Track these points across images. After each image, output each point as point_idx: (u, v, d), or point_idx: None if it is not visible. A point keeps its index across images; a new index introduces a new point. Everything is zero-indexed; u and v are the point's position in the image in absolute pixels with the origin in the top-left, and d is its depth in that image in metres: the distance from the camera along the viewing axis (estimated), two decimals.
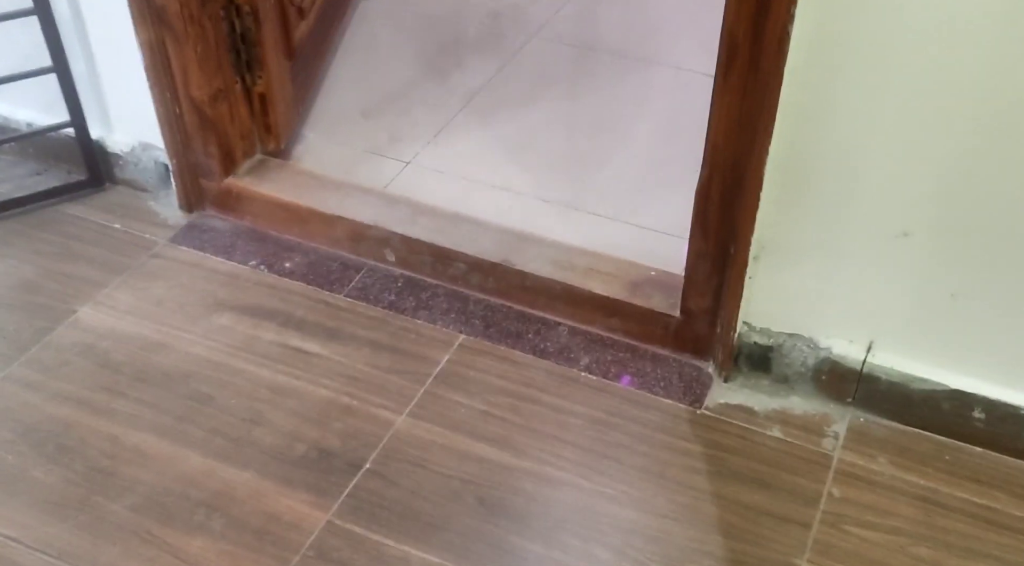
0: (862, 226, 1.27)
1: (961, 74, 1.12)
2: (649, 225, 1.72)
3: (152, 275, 1.64)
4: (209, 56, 1.61)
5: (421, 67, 2.14)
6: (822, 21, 1.16)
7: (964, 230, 1.22)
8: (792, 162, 1.27)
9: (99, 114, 1.73)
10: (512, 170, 1.86)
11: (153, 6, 1.53)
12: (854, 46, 1.15)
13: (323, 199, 1.72)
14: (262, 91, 1.72)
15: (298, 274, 1.66)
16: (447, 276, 1.64)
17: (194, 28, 1.56)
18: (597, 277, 1.58)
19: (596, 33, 2.25)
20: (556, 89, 2.08)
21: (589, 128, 1.97)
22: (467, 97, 2.05)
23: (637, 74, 2.12)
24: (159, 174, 1.76)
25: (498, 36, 2.24)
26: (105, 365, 1.48)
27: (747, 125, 1.27)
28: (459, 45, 2.21)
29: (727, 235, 1.37)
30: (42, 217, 1.75)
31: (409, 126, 1.97)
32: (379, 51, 2.20)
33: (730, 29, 1.23)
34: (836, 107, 1.20)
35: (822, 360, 1.40)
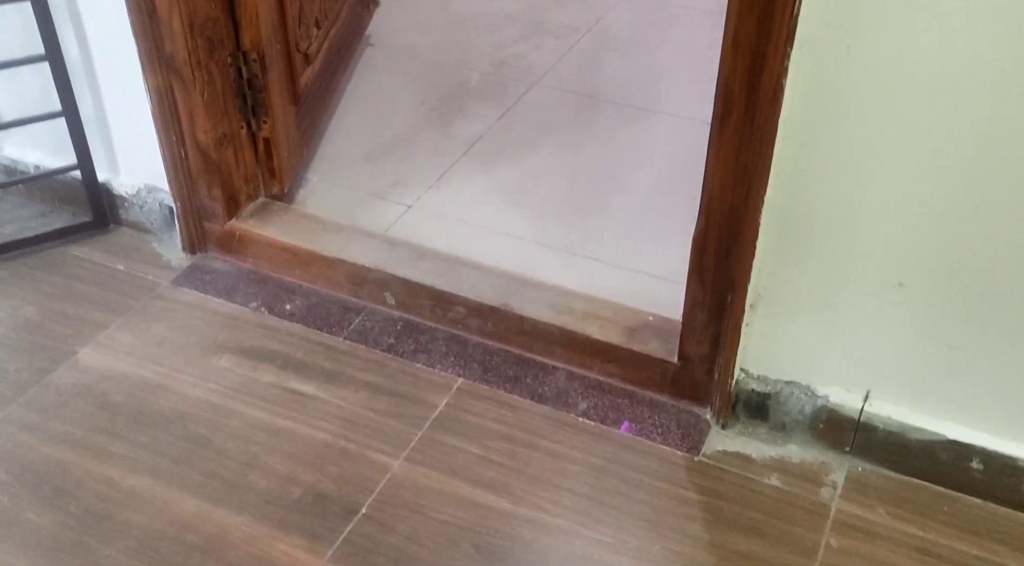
0: (858, 277, 1.28)
1: (955, 128, 1.14)
2: (647, 270, 1.73)
3: (154, 316, 1.65)
4: (216, 101, 1.64)
5: (425, 113, 2.17)
6: (816, 75, 1.18)
7: (959, 282, 1.23)
8: (788, 213, 1.28)
9: (106, 157, 1.76)
10: (512, 215, 1.88)
11: (162, 53, 1.56)
12: (848, 100, 1.18)
13: (325, 242, 1.73)
14: (267, 136, 1.75)
15: (298, 316, 1.67)
16: (446, 320, 1.65)
17: (201, 74, 1.59)
18: (595, 322, 1.58)
19: (597, 82, 2.28)
20: (557, 136, 2.10)
21: (589, 175, 1.99)
22: (469, 143, 2.08)
23: (637, 122, 2.14)
24: (163, 216, 1.78)
25: (501, 84, 2.27)
26: (103, 406, 1.49)
27: (743, 176, 1.29)
28: (462, 92, 2.25)
29: (724, 284, 1.38)
30: (47, 258, 1.76)
31: (412, 171, 2.00)
32: (384, 97, 2.23)
33: (726, 82, 1.25)
34: (831, 159, 1.22)
35: (819, 408, 1.40)
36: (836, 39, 1.15)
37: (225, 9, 1.59)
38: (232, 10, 1.61)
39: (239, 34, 1.63)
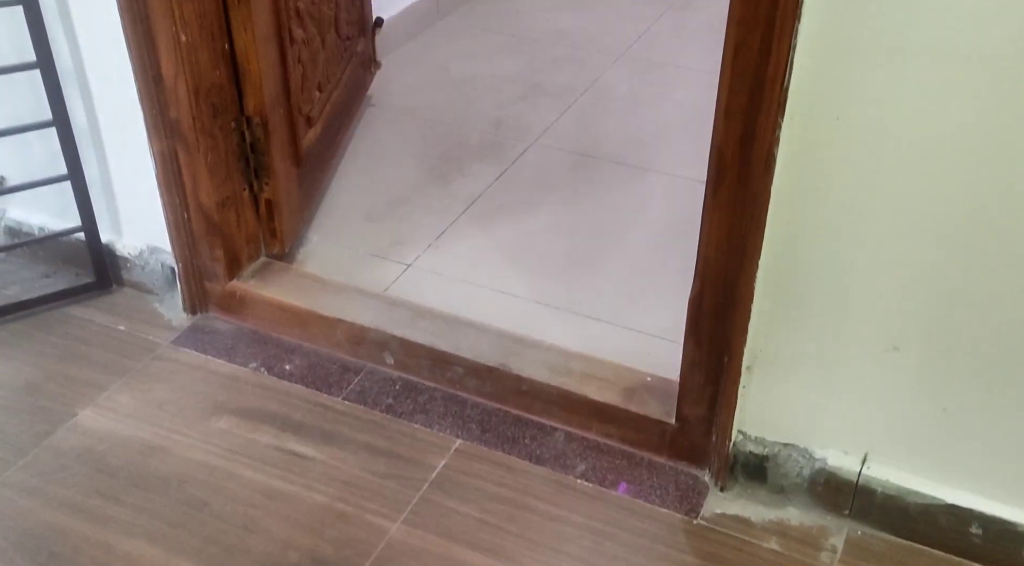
0: (853, 340, 1.29)
1: (944, 194, 1.16)
2: (645, 329, 1.74)
3: (154, 377, 1.66)
4: (219, 165, 1.67)
5: (424, 172, 2.21)
6: (807, 144, 1.20)
7: (953, 346, 1.24)
8: (782, 276, 1.30)
9: (110, 219, 1.78)
10: (510, 273, 1.90)
11: (167, 119, 1.59)
12: (839, 167, 1.20)
13: (324, 302, 1.75)
14: (269, 197, 1.77)
15: (297, 376, 1.67)
16: (445, 379, 1.66)
17: (205, 139, 1.63)
18: (593, 382, 1.59)
19: (594, 141, 2.32)
20: (555, 195, 2.13)
21: (586, 233, 2.02)
22: (468, 202, 2.11)
23: (634, 181, 2.17)
24: (165, 277, 1.80)
25: (499, 143, 2.31)
26: (102, 470, 1.49)
27: (737, 241, 1.31)
28: (462, 151, 2.28)
29: (720, 345, 1.39)
30: (48, 319, 1.78)
31: (411, 230, 2.02)
32: (384, 157, 2.27)
33: (719, 149, 1.27)
34: (823, 225, 1.24)
35: (817, 471, 1.40)
36: (825, 110, 1.17)
37: (230, 76, 1.63)
38: (237, 77, 1.64)
39: (243, 100, 1.67)
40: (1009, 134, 1.10)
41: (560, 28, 2.83)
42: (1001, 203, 1.14)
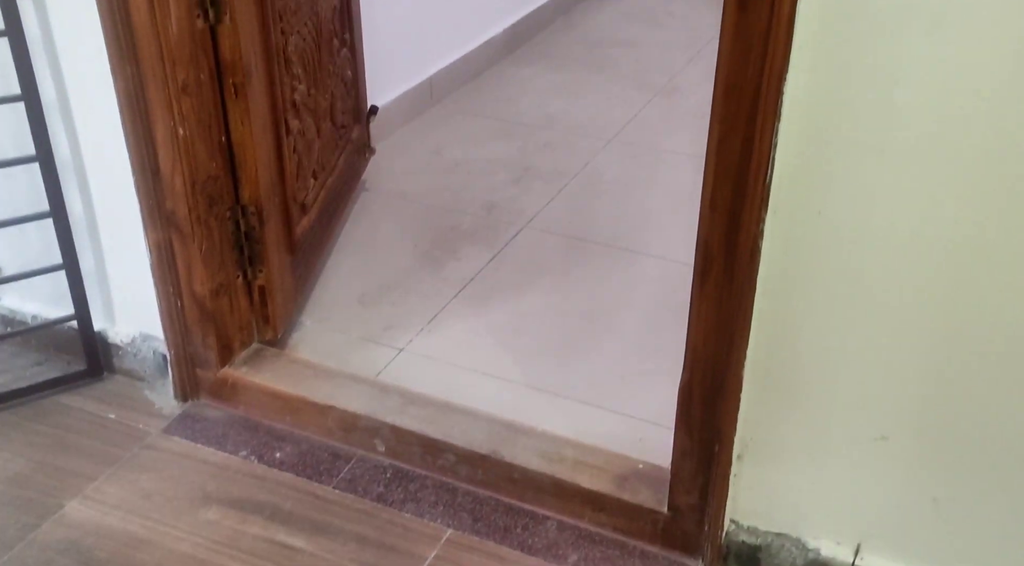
0: (841, 429, 1.30)
1: (928, 288, 1.18)
2: (636, 414, 1.74)
3: (143, 467, 1.65)
4: (213, 254, 1.69)
5: (417, 256, 2.23)
6: (790, 236, 1.23)
7: (942, 435, 1.25)
8: (770, 365, 1.31)
9: (103, 307, 1.79)
10: (502, 357, 1.90)
11: (164, 210, 1.62)
12: (822, 259, 1.22)
13: (316, 388, 1.75)
14: (263, 284, 1.79)
15: (288, 464, 1.66)
16: (436, 467, 1.65)
17: (201, 229, 1.65)
18: (586, 470, 1.58)
19: (586, 224, 2.35)
20: (546, 278, 2.15)
21: (578, 317, 2.03)
22: (460, 285, 2.13)
23: (625, 264, 2.20)
24: (157, 364, 1.80)
25: (492, 227, 2.34)
26: (88, 563, 1.46)
27: (724, 330, 1.32)
28: (455, 235, 2.31)
29: (711, 434, 1.40)
30: (39, 408, 1.77)
31: (404, 314, 2.03)
32: (378, 241, 2.30)
33: (705, 241, 1.30)
34: (809, 315, 1.26)
35: (810, 561, 1.39)
36: (808, 205, 1.20)
37: (226, 167, 1.66)
38: (233, 167, 1.68)
39: (238, 190, 1.70)
40: (988, 231, 1.12)
41: (551, 113, 2.89)
42: (984, 297, 1.16)
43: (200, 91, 1.56)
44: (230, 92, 1.61)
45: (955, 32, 1.05)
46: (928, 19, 1.05)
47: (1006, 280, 1.14)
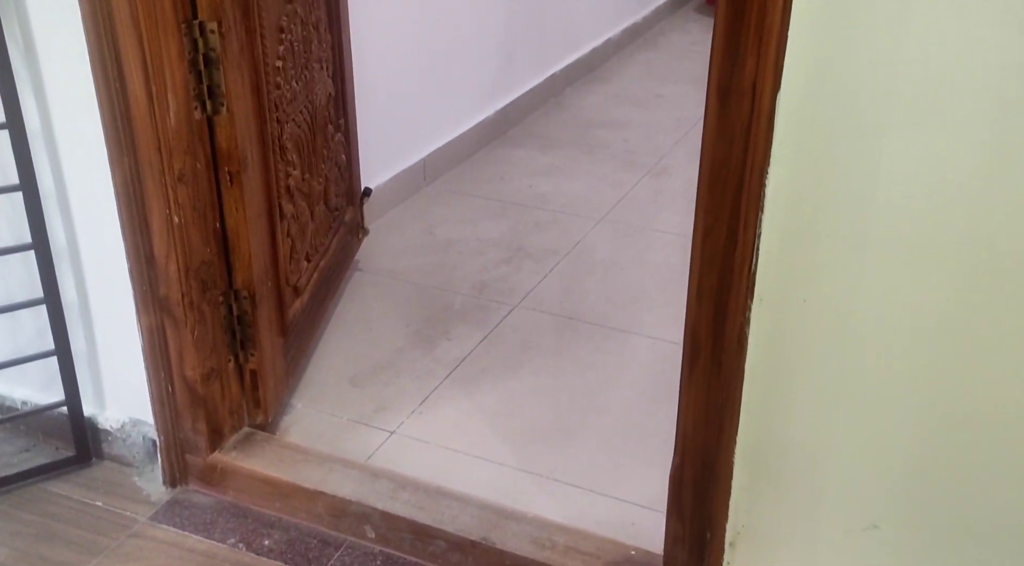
0: (832, 517, 1.29)
1: (914, 375, 1.19)
2: (628, 498, 1.73)
3: (129, 556, 1.63)
4: (205, 338, 1.70)
5: (410, 336, 2.24)
6: (777, 324, 1.24)
7: (932, 524, 1.24)
8: (760, 452, 1.31)
9: (93, 391, 1.79)
10: (494, 440, 1.90)
11: (157, 295, 1.63)
12: (809, 345, 1.23)
13: (306, 474, 1.74)
14: (254, 368, 1.79)
15: (276, 552, 1.64)
16: (427, 554, 1.63)
17: (193, 314, 1.66)
18: (577, 557, 1.57)
19: (577, 303, 2.37)
20: (538, 359, 2.16)
21: (570, 397, 2.03)
22: (452, 366, 2.13)
23: (616, 344, 2.21)
24: (146, 450, 1.79)
25: (483, 306, 2.36)
26: None
27: (714, 417, 1.33)
28: (447, 315, 2.33)
29: (703, 520, 1.39)
30: (26, 495, 1.75)
31: (395, 395, 2.03)
32: (370, 321, 2.31)
33: (692, 328, 1.31)
34: (796, 403, 1.27)
35: None
36: (793, 294, 1.22)
37: (220, 252, 1.68)
38: (227, 252, 1.70)
39: (232, 274, 1.71)
40: (972, 319, 1.14)
41: (542, 193, 2.94)
42: (970, 385, 1.17)
43: (196, 180, 1.59)
44: (225, 180, 1.64)
45: (933, 130, 1.08)
46: (906, 117, 1.08)
47: (992, 368, 1.15)
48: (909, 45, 1.05)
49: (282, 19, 1.83)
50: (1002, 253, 1.10)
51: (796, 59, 1.11)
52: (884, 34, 1.06)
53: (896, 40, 1.06)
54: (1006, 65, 1.02)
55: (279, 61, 1.82)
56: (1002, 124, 1.04)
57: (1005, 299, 1.12)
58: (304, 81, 1.98)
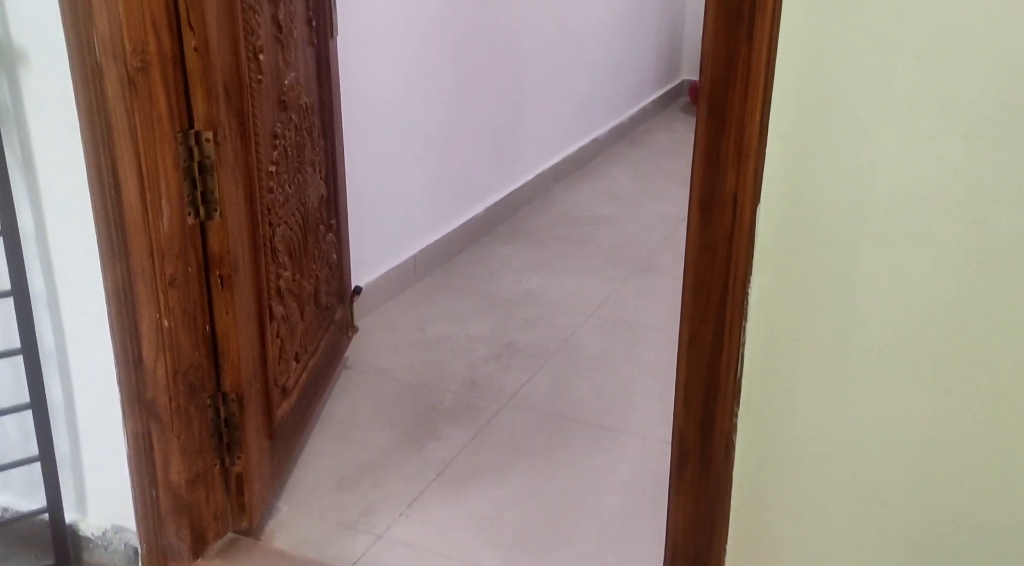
0: None
1: (900, 483, 1.19)
2: None
3: None
4: (191, 443, 1.68)
5: (397, 437, 2.22)
6: (763, 430, 1.25)
7: None
8: (751, 559, 1.29)
9: (76, 497, 1.76)
10: (482, 545, 1.86)
11: (144, 400, 1.63)
12: (795, 454, 1.24)
13: None
14: (240, 471, 1.77)
15: None
16: None
17: (180, 418, 1.65)
18: None
19: (566, 401, 2.37)
20: (527, 459, 2.14)
21: (559, 501, 2.01)
22: (440, 467, 2.11)
23: (605, 443, 2.20)
24: (127, 557, 1.75)
25: (472, 405, 2.35)
26: None
27: (704, 523, 1.32)
28: (435, 414, 2.32)
29: None
30: None
31: (383, 497, 2.00)
32: (358, 420, 2.29)
33: (680, 433, 1.32)
34: (785, 510, 1.26)
35: None
36: (778, 400, 1.23)
37: (209, 355, 1.69)
38: (215, 355, 1.70)
39: (220, 377, 1.71)
40: (956, 427, 1.15)
41: (531, 289, 2.97)
42: (958, 493, 1.17)
43: (187, 284, 1.61)
44: (216, 284, 1.65)
45: (905, 245, 1.11)
46: (879, 232, 1.12)
47: (977, 477, 1.15)
48: (880, 165, 1.09)
49: (276, 126, 1.88)
50: (981, 362, 1.12)
51: (774, 174, 1.15)
52: (856, 153, 1.10)
53: (868, 159, 1.10)
54: (974, 184, 1.06)
55: (273, 166, 1.86)
56: (973, 239, 1.07)
57: (987, 407, 1.13)
58: (297, 184, 2.02)
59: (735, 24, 1.11)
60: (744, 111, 1.13)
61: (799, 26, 1.09)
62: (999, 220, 1.06)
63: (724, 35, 1.12)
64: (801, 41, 1.09)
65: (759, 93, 1.12)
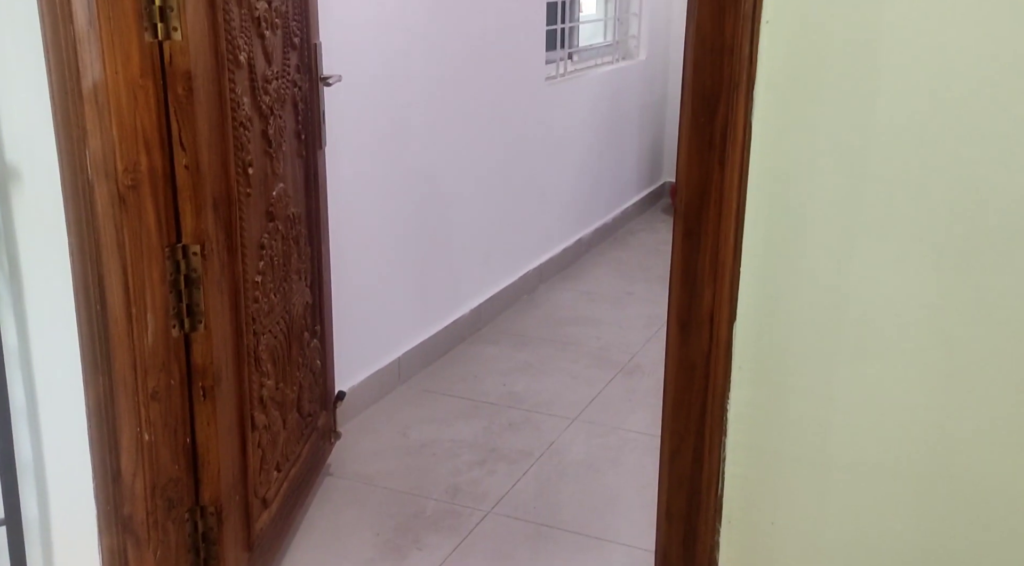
0: None
1: None
2: None
3: None
4: (168, 558, 1.65)
5: (379, 547, 2.18)
6: (745, 547, 1.24)
7: None
8: None
9: None
10: None
11: (121, 514, 1.60)
12: (779, 562, 1.23)
13: None
14: None
15: None
16: None
17: (157, 533, 1.62)
18: None
19: (550, 508, 2.34)
20: None
21: None
22: None
23: (591, 554, 2.16)
24: None
25: (455, 512, 2.32)
26: None
27: None
28: (418, 522, 2.28)
29: None
30: None
31: None
32: (339, 529, 2.25)
33: (664, 551, 1.31)
34: None
35: None
36: (759, 515, 1.23)
37: (188, 468, 1.67)
38: (195, 467, 1.68)
39: (199, 489, 1.69)
40: (933, 543, 1.15)
41: (516, 391, 2.96)
42: None
43: (169, 396, 1.60)
44: (198, 395, 1.65)
45: (877, 361, 1.13)
46: (852, 348, 1.14)
47: None
48: (850, 285, 1.12)
49: (263, 236, 1.91)
50: (957, 476, 1.12)
51: (749, 292, 1.18)
52: (826, 274, 1.14)
53: (838, 279, 1.13)
54: (942, 303, 1.09)
55: (259, 276, 1.88)
56: (945, 356, 1.10)
57: (963, 520, 1.13)
58: (283, 293, 2.04)
59: (707, 150, 1.16)
60: (718, 232, 1.17)
61: (768, 153, 1.13)
62: (968, 337, 1.08)
63: (697, 160, 1.17)
64: (770, 167, 1.14)
65: (732, 215, 1.16)
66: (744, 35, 1.11)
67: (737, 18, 1.11)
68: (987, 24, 1.02)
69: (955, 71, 1.04)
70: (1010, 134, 1.03)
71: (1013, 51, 1.01)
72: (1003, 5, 1.01)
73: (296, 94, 2.10)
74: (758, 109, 1.13)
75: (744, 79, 1.12)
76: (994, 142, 1.03)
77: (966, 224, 1.06)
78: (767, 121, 1.13)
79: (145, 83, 1.47)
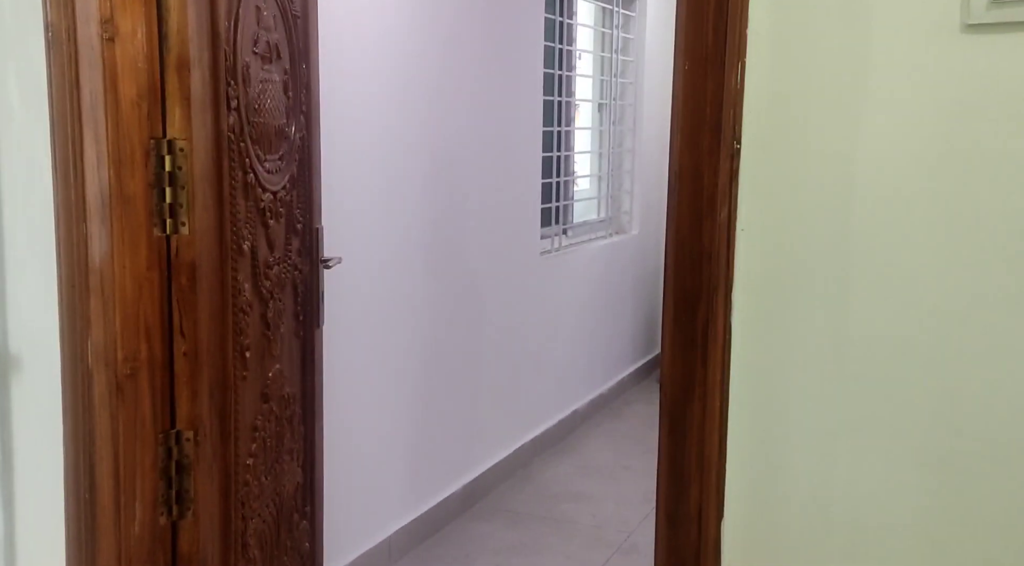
0: None
1: None
2: None
3: None
4: None
5: None
6: None
7: None
8: None
9: None
10: None
11: None
12: None
13: None
14: None
15: None
16: None
17: None
18: None
19: None
20: None
21: None
22: None
23: None
24: None
25: None
26: None
27: None
28: None
29: None
30: None
31: None
32: None
33: None
34: None
35: None
36: None
37: None
38: None
39: None
40: None
41: None
42: None
43: None
44: None
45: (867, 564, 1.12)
46: (841, 551, 1.13)
47: None
48: (835, 486, 1.13)
49: (257, 419, 1.92)
50: None
51: (736, 489, 1.19)
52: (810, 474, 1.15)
53: (823, 480, 1.14)
54: (930, 506, 1.10)
55: (250, 459, 1.88)
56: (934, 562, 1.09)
57: None
58: (274, 474, 2.03)
59: (690, 349, 1.20)
60: (703, 429, 1.19)
61: (749, 352, 1.17)
62: (958, 543, 1.08)
63: (681, 358, 1.21)
64: (752, 366, 1.17)
65: (716, 413, 1.19)
66: (721, 242, 1.17)
67: (714, 226, 1.18)
68: (960, 239, 1.08)
69: (927, 281, 1.09)
70: (986, 343, 1.06)
71: (986, 263, 1.06)
72: (970, 217, 1.08)
73: (296, 277, 2.17)
74: (737, 310, 1.17)
75: (722, 282, 1.17)
76: (971, 349, 1.07)
77: (947, 428, 1.08)
78: (746, 322, 1.17)
79: (151, 275, 1.53)
